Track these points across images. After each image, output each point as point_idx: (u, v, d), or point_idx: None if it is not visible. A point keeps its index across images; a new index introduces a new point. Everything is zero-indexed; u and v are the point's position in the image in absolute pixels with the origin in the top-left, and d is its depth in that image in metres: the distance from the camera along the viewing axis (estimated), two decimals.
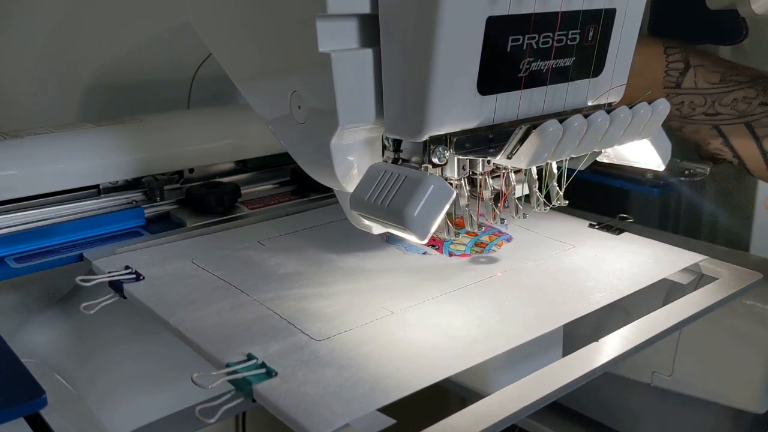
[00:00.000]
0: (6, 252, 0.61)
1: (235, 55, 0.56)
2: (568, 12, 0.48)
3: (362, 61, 0.46)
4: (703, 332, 0.69)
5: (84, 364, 0.64)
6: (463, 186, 0.52)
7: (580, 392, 0.45)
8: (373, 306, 0.51)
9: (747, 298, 0.67)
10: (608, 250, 0.62)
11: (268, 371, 0.42)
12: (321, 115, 0.48)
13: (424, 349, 0.46)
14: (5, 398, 0.40)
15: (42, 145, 0.67)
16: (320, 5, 0.44)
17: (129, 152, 0.70)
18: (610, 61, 0.54)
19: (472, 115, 0.48)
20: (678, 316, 0.52)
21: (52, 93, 0.87)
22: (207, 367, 0.44)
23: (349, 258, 0.60)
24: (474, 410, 0.41)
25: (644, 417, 0.83)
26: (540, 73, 0.49)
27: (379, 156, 0.51)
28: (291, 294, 0.53)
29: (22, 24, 0.85)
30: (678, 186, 0.83)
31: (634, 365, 0.76)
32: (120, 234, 0.66)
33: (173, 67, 0.88)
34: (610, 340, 0.49)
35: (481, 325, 0.49)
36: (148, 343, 0.65)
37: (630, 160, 0.58)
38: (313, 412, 0.39)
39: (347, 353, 0.45)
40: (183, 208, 0.71)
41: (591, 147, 0.50)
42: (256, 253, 0.61)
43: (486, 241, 0.63)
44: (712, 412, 0.77)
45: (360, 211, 0.49)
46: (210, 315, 0.50)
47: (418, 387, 0.42)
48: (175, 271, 0.57)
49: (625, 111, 0.50)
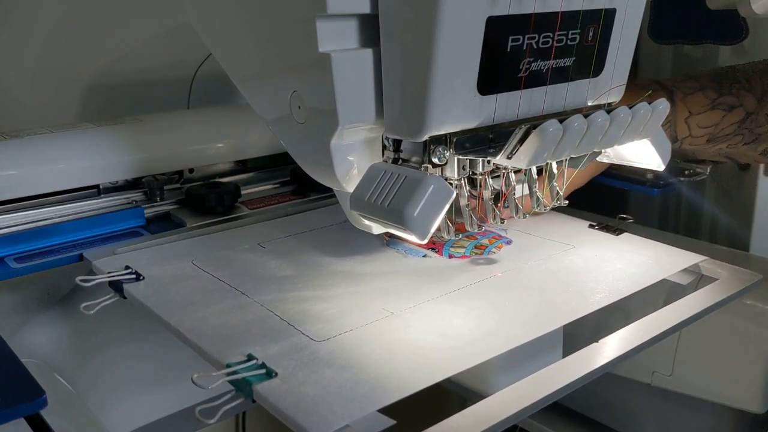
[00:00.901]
0: (6, 252, 0.60)
1: (235, 55, 0.56)
2: (568, 12, 0.48)
3: (362, 61, 0.46)
4: (703, 332, 0.69)
5: (84, 364, 0.64)
6: (463, 186, 0.52)
7: (580, 392, 0.45)
8: (373, 307, 0.51)
9: (747, 298, 0.67)
10: (608, 251, 0.62)
11: (268, 372, 0.42)
12: (321, 115, 0.48)
13: (425, 349, 0.46)
14: (5, 398, 0.40)
15: (42, 145, 0.67)
16: (320, 5, 0.44)
17: (129, 152, 0.70)
18: (610, 61, 0.54)
19: (472, 115, 0.48)
20: (678, 317, 0.52)
21: (52, 93, 0.87)
22: (207, 367, 0.44)
23: (349, 261, 0.60)
24: (474, 411, 0.41)
25: (644, 417, 0.83)
26: (540, 73, 0.49)
27: (379, 156, 0.51)
28: (291, 296, 0.53)
29: (22, 24, 0.85)
30: (678, 186, 0.83)
31: (634, 365, 0.76)
32: (120, 234, 0.66)
33: (173, 67, 0.88)
34: (610, 341, 0.49)
35: (481, 325, 0.49)
36: (148, 343, 0.65)
37: (630, 160, 0.58)
38: (313, 412, 0.39)
39: (347, 354, 0.45)
40: (183, 208, 0.71)
41: (591, 147, 0.50)
42: (256, 255, 0.61)
43: (486, 244, 0.63)
44: (712, 412, 0.77)
45: (360, 211, 0.49)
46: (210, 316, 0.50)
47: (418, 387, 0.41)
48: (175, 271, 0.57)
49: (625, 111, 0.50)
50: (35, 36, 0.84)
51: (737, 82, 0.73)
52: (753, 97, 0.72)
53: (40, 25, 0.83)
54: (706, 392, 0.73)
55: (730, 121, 0.72)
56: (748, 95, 0.72)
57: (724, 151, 0.75)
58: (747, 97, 0.73)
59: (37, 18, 0.83)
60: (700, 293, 0.56)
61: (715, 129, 0.72)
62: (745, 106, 0.72)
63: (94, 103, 0.85)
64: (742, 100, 0.72)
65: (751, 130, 0.72)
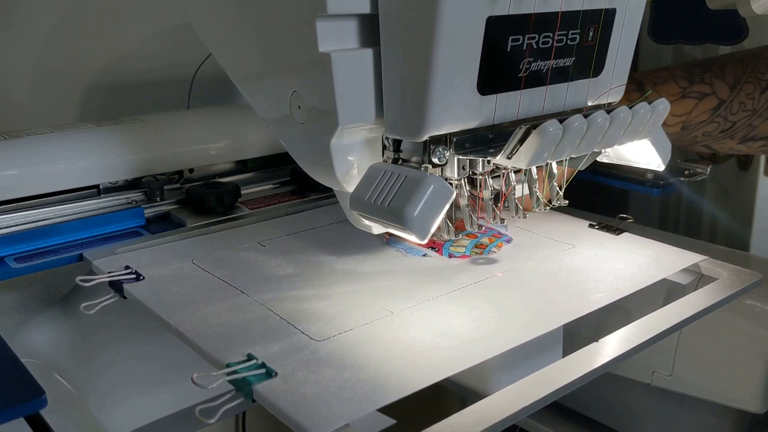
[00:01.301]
0: (6, 252, 0.60)
1: (235, 55, 0.56)
2: (568, 12, 0.48)
3: (362, 61, 0.46)
4: (703, 332, 0.69)
5: (84, 364, 0.64)
6: (463, 186, 0.52)
7: (580, 392, 0.45)
8: (373, 307, 0.51)
9: (747, 298, 0.67)
10: (608, 251, 0.62)
11: (268, 371, 0.42)
12: (321, 115, 0.48)
13: (425, 349, 0.46)
14: (5, 398, 0.40)
15: (42, 145, 0.67)
16: (320, 5, 0.44)
17: (129, 152, 0.70)
18: (610, 61, 0.54)
19: (472, 115, 0.48)
20: (678, 317, 0.52)
21: (52, 93, 0.87)
22: (207, 367, 0.44)
23: (349, 260, 0.60)
24: (474, 410, 0.41)
25: (644, 417, 0.83)
26: (540, 73, 0.49)
27: (379, 156, 0.51)
28: (291, 295, 0.53)
29: (22, 23, 0.85)
30: (678, 186, 0.83)
31: (634, 365, 0.76)
32: (120, 234, 0.66)
33: (173, 67, 0.88)
34: (609, 341, 0.49)
35: (481, 325, 0.49)
36: (148, 343, 0.65)
37: (630, 160, 0.58)
38: (313, 412, 0.39)
39: (347, 353, 0.45)
40: (183, 208, 0.71)
41: (591, 147, 0.50)
42: (256, 254, 0.61)
43: (486, 243, 0.63)
44: (712, 412, 0.77)
45: (360, 211, 0.49)
46: (210, 315, 0.50)
47: (418, 387, 0.41)
48: (175, 271, 0.57)
49: (625, 111, 0.50)
50: (35, 36, 0.84)
51: (709, 71, 0.74)
52: (725, 84, 0.73)
53: (40, 25, 0.83)
54: (706, 392, 0.73)
55: (702, 109, 0.73)
56: (720, 83, 0.73)
57: (701, 140, 0.75)
58: (719, 84, 0.73)
59: (36, 18, 0.83)
60: (700, 293, 0.56)
61: (688, 117, 0.73)
62: (718, 93, 0.73)
63: (93, 103, 0.85)
64: (714, 88, 0.73)
65: (726, 118, 0.73)
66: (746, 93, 0.72)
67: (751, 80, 0.72)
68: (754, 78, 0.73)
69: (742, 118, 0.73)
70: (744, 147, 0.77)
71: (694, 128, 0.73)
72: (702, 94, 0.72)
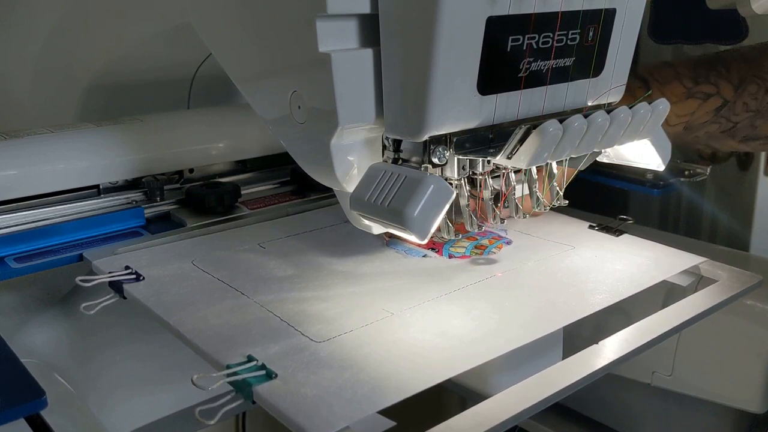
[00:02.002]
0: (6, 252, 0.60)
1: (235, 55, 0.56)
2: (568, 12, 0.48)
3: (362, 61, 0.46)
4: (703, 332, 0.69)
5: (84, 364, 0.63)
6: (463, 186, 0.51)
7: (580, 392, 0.45)
8: (373, 308, 0.51)
9: (747, 299, 0.67)
10: (608, 252, 0.62)
11: (268, 373, 0.42)
12: (321, 115, 0.48)
13: (425, 350, 0.46)
14: (5, 399, 0.40)
15: (42, 145, 0.67)
16: (320, 5, 0.44)
17: (129, 152, 0.70)
18: (610, 61, 0.54)
19: (472, 115, 0.47)
20: (677, 319, 0.52)
21: (52, 93, 0.87)
22: (207, 368, 0.44)
23: (349, 261, 0.60)
24: (474, 412, 0.41)
25: (644, 417, 0.83)
26: (540, 73, 0.49)
27: (379, 156, 0.51)
28: (291, 296, 0.53)
29: (22, 23, 0.85)
30: (678, 186, 0.83)
31: (634, 365, 0.76)
32: (120, 234, 0.66)
33: (173, 67, 0.88)
34: (610, 343, 0.49)
35: (481, 326, 0.49)
36: (148, 344, 0.65)
37: (630, 160, 0.58)
38: (313, 413, 0.39)
39: (347, 355, 0.45)
40: (183, 208, 0.71)
41: (591, 147, 0.50)
42: (256, 255, 0.61)
43: (486, 244, 0.63)
44: (712, 412, 0.77)
45: (360, 211, 0.49)
46: (210, 316, 0.50)
47: (418, 389, 0.41)
48: (175, 271, 0.57)
49: (625, 111, 0.50)
50: (35, 36, 0.84)
51: (714, 69, 0.73)
52: (731, 84, 0.72)
53: (40, 25, 0.83)
54: (706, 392, 0.73)
55: (706, 110, 0.72)
56: (725, 83, 0.73)
57: (701, 139, 0.75)
58: (724, 84, 0.73)
59: (36, 18, 0.83)
60: (700, 295, 0.56)
61: (692, 117, 0.72)
62: (722, 94, 0.73)
63: (93, 103, 0.85)
64: (719, 88, 0.73)
65: (728, 118, 0.73)
66: (750, 93, 0.72)
67: (755, 80, 0.72)
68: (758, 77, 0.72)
69: (744, 118, 0.73)
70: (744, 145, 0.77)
71: (696, 128, 0.73)
72: (707, 95, 0.72)
